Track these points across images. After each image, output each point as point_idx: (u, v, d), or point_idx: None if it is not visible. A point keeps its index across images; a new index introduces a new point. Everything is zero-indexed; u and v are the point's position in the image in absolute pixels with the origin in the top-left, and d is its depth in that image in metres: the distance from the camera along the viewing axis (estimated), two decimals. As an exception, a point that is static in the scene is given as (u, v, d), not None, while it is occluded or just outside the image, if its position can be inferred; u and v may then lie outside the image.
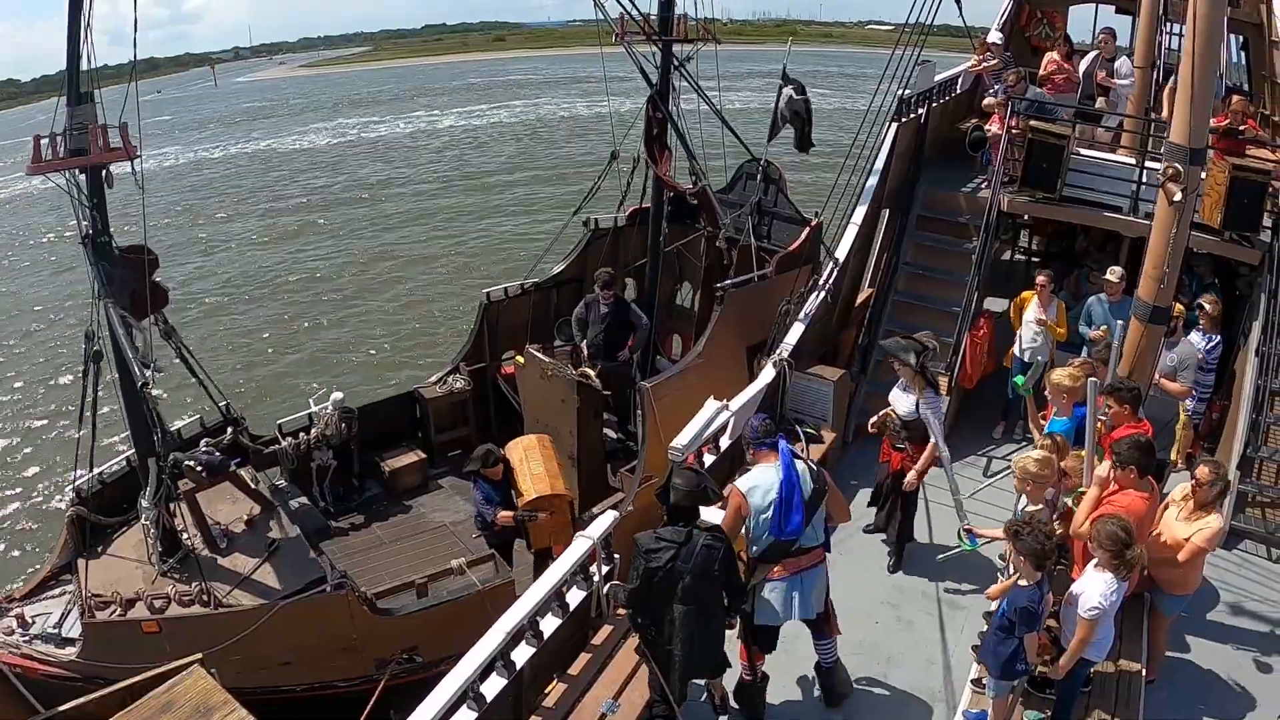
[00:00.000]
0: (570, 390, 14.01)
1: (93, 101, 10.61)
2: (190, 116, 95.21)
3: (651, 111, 15.37)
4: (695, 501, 7.54)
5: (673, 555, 7.23)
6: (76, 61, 10.32)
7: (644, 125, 15.63)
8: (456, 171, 56.99)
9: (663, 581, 7.29)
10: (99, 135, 10.61)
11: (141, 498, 11.95)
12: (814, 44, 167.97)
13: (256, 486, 13.32)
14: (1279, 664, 9.75)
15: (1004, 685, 7.55)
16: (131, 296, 11.47)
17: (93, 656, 10.89)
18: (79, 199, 10.87)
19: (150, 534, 11.88)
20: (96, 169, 10.84)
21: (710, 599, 7.46)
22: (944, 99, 17.31)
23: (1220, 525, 8.32)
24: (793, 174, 17.78)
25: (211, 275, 37.67)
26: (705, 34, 15.44)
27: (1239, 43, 18.51)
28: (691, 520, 7.46)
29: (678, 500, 7.43)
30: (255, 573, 11.81)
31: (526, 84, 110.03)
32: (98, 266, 11.01)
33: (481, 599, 11.66)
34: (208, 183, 57.38)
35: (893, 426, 10.40)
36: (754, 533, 7.99)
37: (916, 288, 15.00)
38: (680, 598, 7.32)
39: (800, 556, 7.98)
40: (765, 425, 8.41)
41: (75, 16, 10.12)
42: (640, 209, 17.11)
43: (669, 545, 7.26)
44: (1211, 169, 12.81)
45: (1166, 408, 11.04)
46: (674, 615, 7.38)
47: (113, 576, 11.80)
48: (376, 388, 24.05)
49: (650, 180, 16.13)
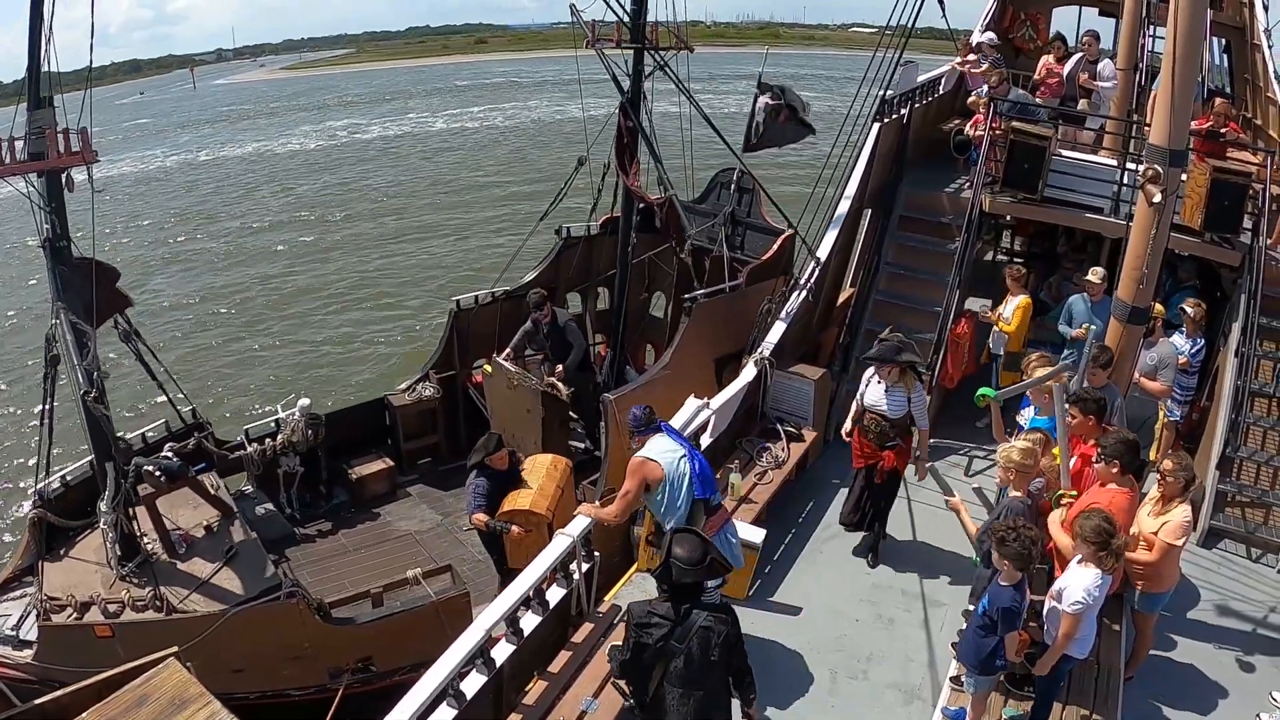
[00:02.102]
0: (535, 400, 13.99)
1: (52, 106, 10.50)
2: (168, 121, 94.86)
3: (622, 119, 15.25)
4: (699, 578, 6.61)
5: (665, 634, 6.45)
6: (37, 66, 10.23)
7: (615, 133, 15.52)
8: (429, 177, 57.02)
9: (653, 659, 6.52)
10: (57, 140, 10.49)
11: (100, 502, 11.91)
12: (797, 46, 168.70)
13: (217, 493, 13.23)
14: (1259, 662, 9.79)
15: (984, 681, 7.58)
16: (106, 300, 11.46)
17: (48, 659, 10.89)
18: (38, 203, 10.78)
19: (109, 538, 11.83)
20: (55, 173, 10.72)
21: (710, 685, 6.57)
22: (927, 100, 17.36)
23: (1187, 518, 8.32)
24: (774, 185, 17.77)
25: (181, 281, 37.57)
26: (678, 41, 15.32)
27: (1221, 45, 18.66)
28: (694, 597, 6.59)
29: (679, 578, 6.51)
30: (211, 579, 11.75)
31: (504, 87, 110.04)
32: (54, 271, 10.97)
33: (436, 610, 11.73)
34: (180, 189, 57.08)
35: (880, 429, 10.30)
36: (670, 499, 8.08)
37: (898, 287, 15.00)
38: (672, 679, 6.50)
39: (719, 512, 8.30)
40: (646, 414, 8.61)
41: (36, 21, 10.04)
42: (612, 217, 17.05)
43: (662, 623, 6.48)
44: (1192, 171, 12.91)
45: (1146, 407, 11.09)
46: (667, 697, 6.56)
47: (72, 580, 11.75)
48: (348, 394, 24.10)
49: (620, 188, 16.09)
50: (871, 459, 10.36)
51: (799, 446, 12.39)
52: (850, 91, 14.97)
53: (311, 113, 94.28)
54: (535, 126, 76.16)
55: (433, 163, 61.89)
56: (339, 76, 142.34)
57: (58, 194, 10.81)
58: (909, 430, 10.28)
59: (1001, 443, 8.99)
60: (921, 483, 11.38)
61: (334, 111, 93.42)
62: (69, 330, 10.81)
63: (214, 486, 13.30)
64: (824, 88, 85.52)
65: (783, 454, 12.16)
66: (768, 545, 10.39)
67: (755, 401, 12.92)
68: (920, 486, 11.70)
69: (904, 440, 10.30)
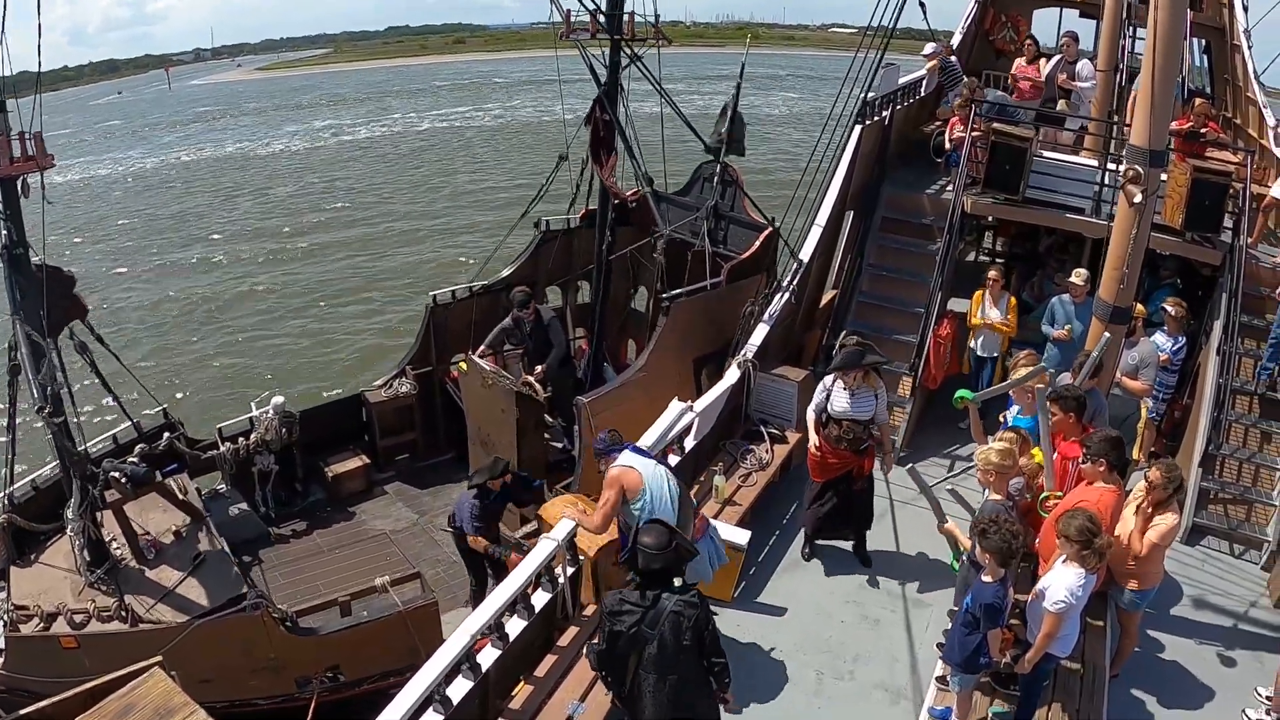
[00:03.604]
0: (509, 401, 13.81)
1: (4, 111, 10.35)
2: (142, 122, 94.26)
3: (598, 113, 15.14)
4: (667, 564, 6.72)
5: (637, 620, 6.60)
6: None
7: (590, 126, 15.40)
8: (405, 176, 56.92)
9: (627, 646, 6.68)
10: (10, 145, 10.34)
11: (66, 508, 11.83)
12: (776, 47, 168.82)
13: (186, 496, 13.13)
14: (1241, 658, 9.86)
15: (968, 679, 7.60)
16: (62, 309, 11.38)
17: (16, 669, 10.84)
18: None
19: (75, 545, 11.74)
20: (8, 180, 10.56)
21: (684, 670, 6.69)
22: (908, 101, 17.38)
23: (1176, 522, 8.37)
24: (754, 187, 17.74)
25: (154, 281, 37.34)
26: (655, 34, 15.17)
27: (1201, 46, 18.80)
28: (664, 584, 6.72)
29: (647, 565, 6.69)
30: (177, 588, 11.67)
31: (483, 86, 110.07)
32: (11, 280, 10.88)
33: (403, 619, 11.64)
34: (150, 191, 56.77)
35: (854, 434, 10.23)
36: (653, 508, 8.00)
37: (880, 289, 15.01)
38: (648, 666, 6.66)
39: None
40: (611, 435, 8.72)
41: None
42: (593, 210, 16.85)
43: (634, 609, 6.64)
44: (1173, 171, 12.97)
45: (1127, 405, 11.15)
46: (644, 684, 6.72)
47: (41, 586, 11.70)
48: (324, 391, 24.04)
49: (597, 183, 16.04)
50: (846, 466, 10.31)
51: (783, 448, 12.40)
52: (829, 92, 14.99)
53: (285, 113, 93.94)
54: (515, 125, 76.25)
55: (409, 162, 61.80)
56: (315, 77, 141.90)
57: (12, 201, 10.65)
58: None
59: (981, 444, 9.03)
60: (904, 484, 11.41)
61: (309, 112, 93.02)
62: (24, 341, 10.76)
63: (183, 490, 13.19)
64: (803, 88, 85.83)
65: (766, 456, 12.16)
66: (752, 547, 10.39)
67: (739, 403, 12.91)
68: (903, 487, 11.73)
69: (873, 440, 10.32)
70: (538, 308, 15.55)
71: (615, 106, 14.95)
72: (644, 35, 15.00)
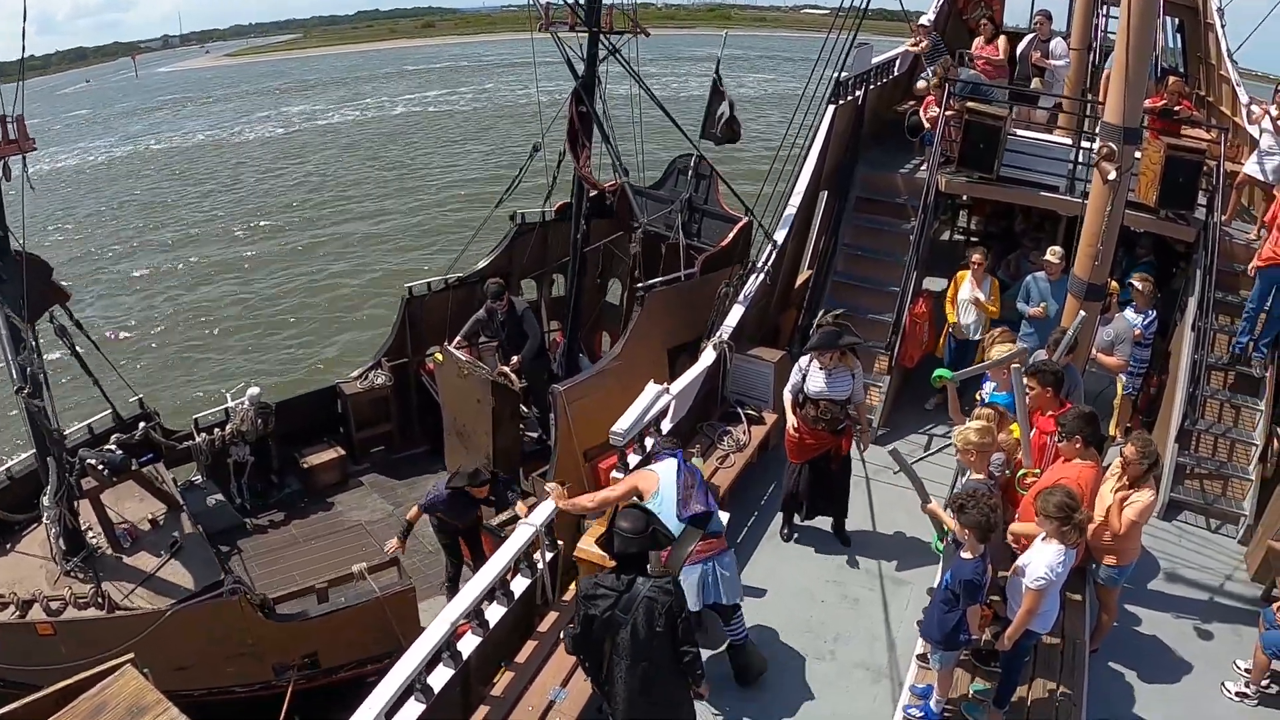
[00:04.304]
0: (485, 390, 13.79)
1: None
2: (109, 110, 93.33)
3: (575, 105, 15.04)
4: (643, 548, 6.76)
5: (611, 604, 6.59)
6: None
7: (567, 118, 15.29)
8: (376, 164, 56.52)
9: (601, 631, 6.67)
10: None
11: (43, 496, 11.73)
12: (748, 28, 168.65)
13: (163, 485, 13.04)
14: (1219, 630, 9.95)
15: (949, 656, 7.62)
16: (41, 294, 11.27)
17: None
18: None
19: (52, 533, 11.64)
20: None
21: (656, 657, 6.63)
22: (881, 81, 17.36)
23: (1153, 498, 8.42)
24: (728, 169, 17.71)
25: (128, 271, 37.01)
26: (633, 26, 15.14)
27: (1175, 25, 18.87)
28: (639, 568, 6.75)
29: (623, 548, 6.70)
30: (155, 574, 11.58)
31: (454, 71, 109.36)
32: None
33: (381, 605, 11.59)
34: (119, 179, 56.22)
35: (832, 414, 10.22)
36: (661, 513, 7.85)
37: (856, 269, 15.02)
38: (621, 652, 6.64)
39: (711, 540, 8.10)
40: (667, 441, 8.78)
41: None
42: (568, 203, 16.85)
43: (608, 594, 6.62)
44: (1147, 149, 13.02)
45: (1103, 382, 11.20)
46: (616, 670, 6.71)
47: (17, 575, 11.58)
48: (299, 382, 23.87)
49: (574, 175, 15.96)
50: (824, 447, 10.32)
51: (760, 429, 12.39)
52: (802, 73, 14.93)
53: (255, 100, 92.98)
54: (488, 111, 75.66)
55: (382, 149, 61.28)
56: (285, 62, 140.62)
57: None
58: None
59: (959, 423, 9.04)
60: (882, 463, 11.45)
61: (279, 99, 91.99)
62: (3, 325, 10.63)
63: (158, 479, 13.10)
64: (776, 70, 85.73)
65: (744, 437, 12.15)
66: (731, 528, 10.36)
67: (715, 385, 12.91)
68: (880, 466, 11.76)
69: (850, 420, 10.33)
70: (511, 299, 15.52)
71: (593, 99, 14.88)
72: (622, 29, 14.97)
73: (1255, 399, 12.62)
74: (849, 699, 8.77)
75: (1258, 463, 12.16)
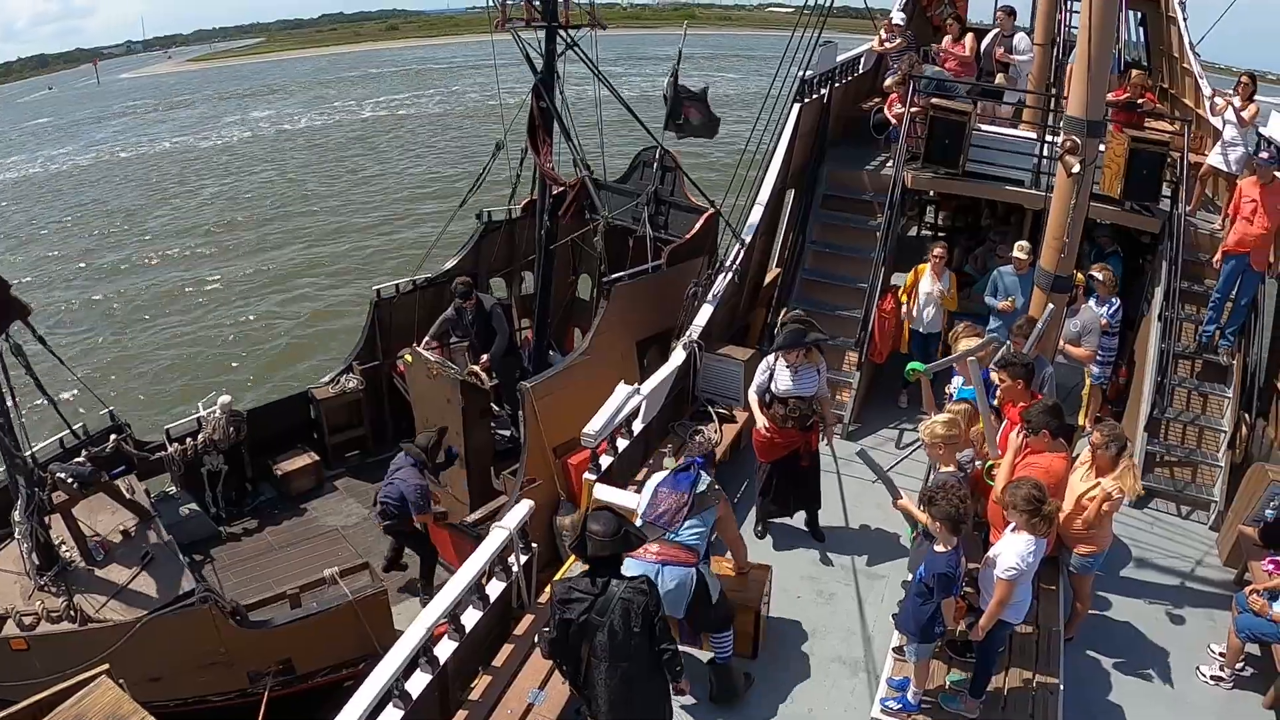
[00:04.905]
0: (454, 390, 13.72)
1: None
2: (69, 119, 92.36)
3: (535, 100, 15.05)
4: (615, 550, 6.76)
5: (587, 607, 6.58)
6: None
7: (528, 114, 15.28)
8: (342, 168, 56.07)
9: (578, 635, 6.67)
10: None
11: (14, 512, 11.62)
12: (713, 27, 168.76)
13: (134, 496, 12.95)
14: (1194, 616, 10.08)
15: (925, 648, 7.66)
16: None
17: None
18: None
19: (24, 548, 11.53)
20: None
21: (636, 657, 6.63)
22: (846, 79, 17.43)
23: (1120, 486, 8.49)
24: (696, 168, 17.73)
25: (92, 284, 36.55)
26: (591, 20, 15.20)
27: (1137, 19, 19.06)
28: (613, 570, 6.77)
29: (596, 551, 6.67)
30: (127, 586, 11.44)
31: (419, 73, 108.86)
32: None
33: (353, 608, 11.55)
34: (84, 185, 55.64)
35: (801, 412, 10.24)
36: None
37: (824, 266, 15.06)
38: (599, 654, 6.63)
39: (670, 547, 7.95)
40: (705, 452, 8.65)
41: None
42: (534, 200, 16.80)
43: (583, 597, 6.62)
44: (1111, 141, 13.16)
45: (1073, 373, 11.29)
46: (595, 672, 6.71)
47: None
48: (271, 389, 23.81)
49: (535, 171, 15.97)
50: (793, 445, 10.34)
51: (731, 428, 12.39)
52: (768, 71, 14.98)
53: (218, 105, 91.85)
54: (454, 112, 75.39)
55: (349, 152, 60.83)
56: (249, 67, 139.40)
57: None
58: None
59: (932, 414, 9.10)
60: (852, 458, 11.52)
61: (243, 104, 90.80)
62: None
63: (129, 490, 13.00)
64: (742, 68, 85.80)
65: (715, 436, 12.13)
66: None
67: (686, 385, 12.94)
68: (851, 461, 11.81)
69: (818, 416, 10.37)
70: (479, 296, 15.54)
71: (552, 94, 14.86)
72: (580, 22, 14.99)
73: (1223, 386, 12.79)
74: (826, 693, 8.80)
75: (1226, 449, 12.32)
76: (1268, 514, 10.35)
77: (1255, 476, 10.89)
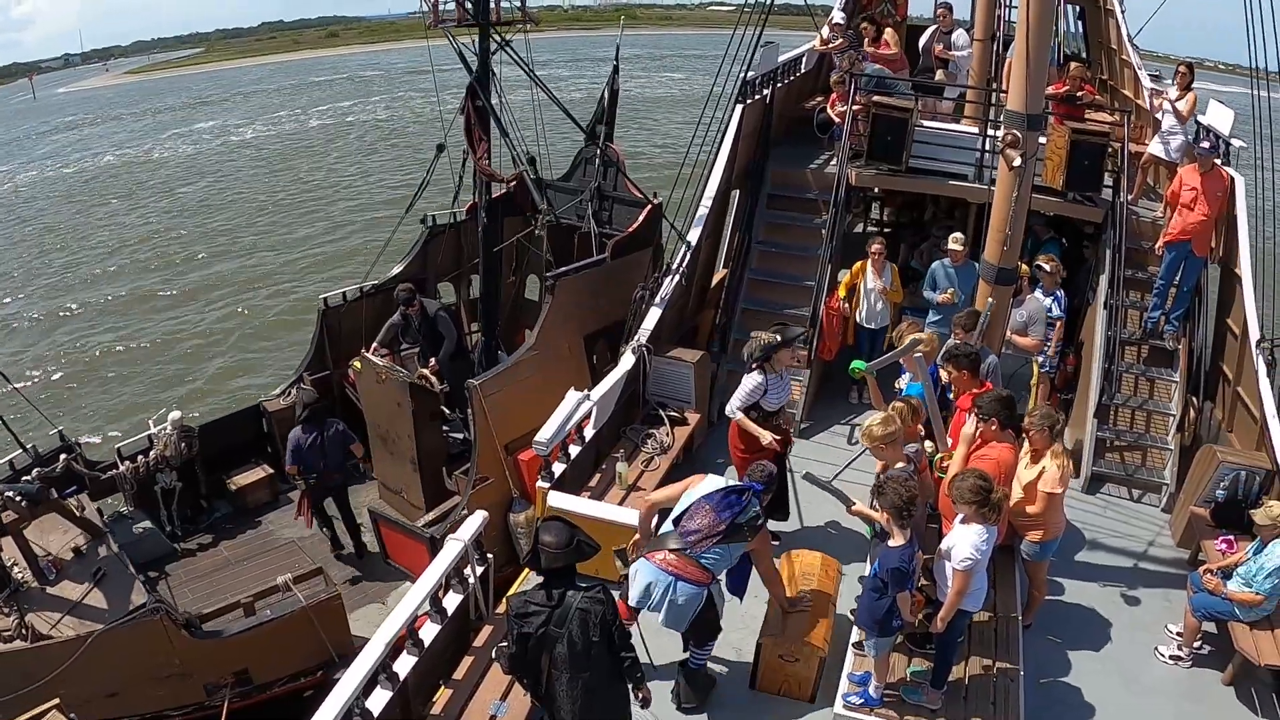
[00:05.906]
0: (404, 393, 13.66)
1: None
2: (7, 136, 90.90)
3: (470, 99, 15.07)
4: (568, 561, 6.72)
5: (544, 620, 6.59)
6: None
7: (465, 114, 15.29)
8: (289, 177, 55.48)
9: (537, 647, 6.65)
10: None
11: None
12: (655, 27, 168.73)
13: (84, 514, 12.80)
14: (1150, 597, 10.27)
15: (883, 643, 7.73)
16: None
17: None
18: None
19: None
20: None
21: (596, 667, 6.66)
22: (789, 79, 17.51)
23: (1059, 469, 8.62)
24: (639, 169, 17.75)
25: (36, 303, 35.95)
26: (522, 18, 15.28)
27: (1075, 12, 19.26)
28: (567, 582, 6.74)
29: (549, 563, 6.66)
30: (80, 602, 11.28)
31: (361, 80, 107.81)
32: None
33: (307, 615, 11.45)
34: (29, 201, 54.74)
35: (785, 419, 10.33)
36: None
37: (771, 265, 15.14)
38: (559, 666, 6.63)
39: (686, 563, 7.61)
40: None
41: None
42: (477, 203, 16.76)
43: (540, 610, 6.62)
44: (1052, 134, 13.33)
45: (1019, 363, 11.42)
46: (557, 684, 6.68)
47: None
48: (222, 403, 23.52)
49: (473, 171, 15.92)
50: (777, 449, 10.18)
51: (683, 430, 12.47)
52: (709, 70, 15.00)
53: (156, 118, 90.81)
54: (401, 119, 74.81)
55: (294, 162, 60.07)
56: (188, 77, 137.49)
57: None
58: None
59: (880, 410, 9.17)
60: (806, 456, 11.61)
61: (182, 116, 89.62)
62: None
63: (80, 509, 12.84)
64: (684, 68, 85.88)
65: (667, 439, 12.20)
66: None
67: (636, 389, 12.97)
68: (805, 459, 11.83)
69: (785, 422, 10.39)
70: (423, 301, 15.53)
71: (488, 92, 14.86)
72: (511, 19, 15.06)
73: (1170, 370, 13.01)
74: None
75: (1175, 432, 12.54)
76: (1218, 494, 10.59)
77: (1205, 458, 11.10)
